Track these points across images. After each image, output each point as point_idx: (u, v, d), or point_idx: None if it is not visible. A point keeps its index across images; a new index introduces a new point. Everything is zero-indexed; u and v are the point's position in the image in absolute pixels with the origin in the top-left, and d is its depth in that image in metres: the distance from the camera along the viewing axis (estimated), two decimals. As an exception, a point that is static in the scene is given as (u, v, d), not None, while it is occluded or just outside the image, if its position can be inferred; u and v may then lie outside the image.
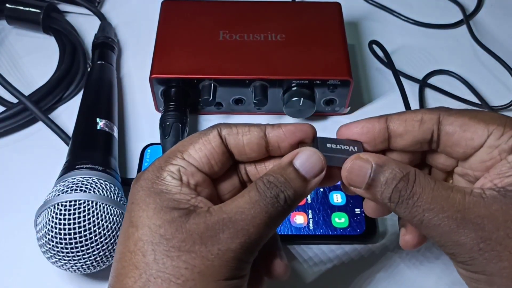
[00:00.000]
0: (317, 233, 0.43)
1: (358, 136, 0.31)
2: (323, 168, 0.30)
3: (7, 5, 0.59)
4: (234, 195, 0.32)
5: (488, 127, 0.29)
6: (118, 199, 0.40)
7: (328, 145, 0.31)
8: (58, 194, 0.38)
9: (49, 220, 0.37)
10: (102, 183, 0.39)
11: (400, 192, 0.28)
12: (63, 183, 0.39)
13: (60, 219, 0.37)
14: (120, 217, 0.39)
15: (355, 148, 0.31)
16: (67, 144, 0.48)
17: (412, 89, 0.56)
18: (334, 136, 0.32)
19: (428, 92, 0.56)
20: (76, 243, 0.36)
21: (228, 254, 0.27)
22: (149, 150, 0.49)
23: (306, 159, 0.30)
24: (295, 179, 0.29)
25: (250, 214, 0.28)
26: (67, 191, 0.38)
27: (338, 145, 0.31)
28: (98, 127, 0.46)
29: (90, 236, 0.37)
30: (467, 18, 0.63)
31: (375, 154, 0.30)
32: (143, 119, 0.53)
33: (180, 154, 0.30)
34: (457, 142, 0.30)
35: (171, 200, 0.28)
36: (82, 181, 0.39)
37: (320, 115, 0.53)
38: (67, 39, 0.58)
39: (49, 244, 0.37)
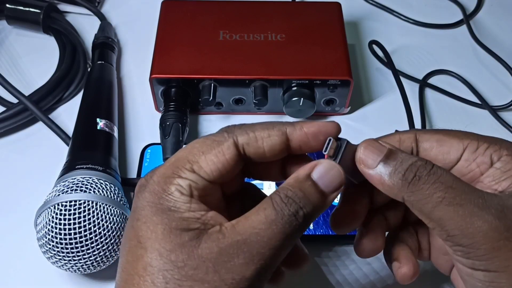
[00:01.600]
0: (317, 233, 0.43)
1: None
2: (342, 183, 0.28)
3: (7, 5, 0.59)
4: (237, 191, 0.32)
5: (462, 141, 0.30)
6: (118, 199, 0.40)
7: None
8: (58, 194, 0.38)
9: (49, 220, 0.37)
10: (102, 183, 0.39)
11: (418, 168, 0.27)
12: (63, 183, 0.39)
13: (60, 219, 0.37)
14: (120, 217, 0.39)
15: None
16: (67, 144, 0.48)
17: (412, 89, 0.56)
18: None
19: (428, 92, 0.56)
20: (76, 243, 0.36)
21: (243, 283, 0.25)
22: (149, 150, 0.49)
23: (325, 173, 0.28)
24: (313, 193, 0.27)
25: (267, 236, 0.25)
26: (67, 191, 0.38)
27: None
28: (98, 127, 0.46)
29: (90, 236, 0.37)
30: (467, 18, 0.63)
31: (389, 143, 0.29)
32: (143, 119, 0.53)
33: (190, 166, 0.27)
34: (434, 156, 0.30)
35: (180, 220, 0.26)
36: (82, 181, 0.39)
37: (320, 115, 0.53)
38: (67, 39, 0.58)
39: (49, 244, 0.37)
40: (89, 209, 0.37)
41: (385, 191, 0.28)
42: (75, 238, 0.36)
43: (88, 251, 0.37)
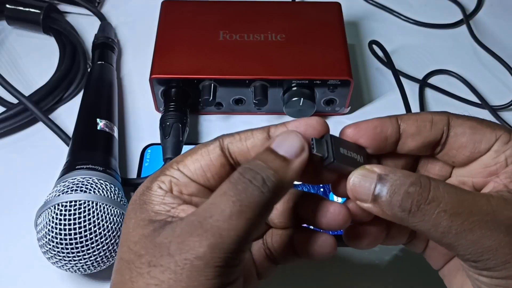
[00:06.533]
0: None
1: (368, 137, 0.29)
2: (303, 146, 0.27)
3: (7, 5, 0.59)
4: None
5: (495, 132, 0.29)
6: (119, 200, 0.40)
7: (341, 150, 0.28)
8: (59, 195, 0.38)
9: (49, 220, 0.37)
10: (102, 184, 0.39)
11: (413, 197, 0.25)
12: (63, 184, 0.39)
13: (60, 220, 0.37)
14: (120, 217, 0.39)
15: (361, 158, 0.29)
16: (67, 145, 0.48)
17: (412, 89, 0.56)
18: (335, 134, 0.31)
19: (428, 92, 0.56)
20: (76, 243, 0.36)
21: (197, 262, 0.24)
22: (149, 150, 0.49)
23: (282, 140, 0.27)
24: (273, 160, 0.26)
25: (220, 208, 0.24)
26: (67, 191, 0.38)
27: (348, 152, 0.28)
28: (98, 128, 0.46)
29: (91, 236, 0.37)
30: (467, 18, 0.63)
31: (379, 165, 0.27)
32: (143, 119, 0.53)
33: (176, 165, 0.28)
34: (465, 144, 0.29)
35: (150, 212, 0.26)
36: (83, 181, 0.39)
37: (320, 115, 0.53)
38: (67, 39, 0.58)
39: (50, 245, 0.37)
40: (89, 209, 0.37)
41: (389, 219, 0.27)
42: (75, 238, 0.36)
43: (88, 251, 0.37)
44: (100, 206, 0.38)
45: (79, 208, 0.37)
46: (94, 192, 0.38)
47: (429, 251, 0.33)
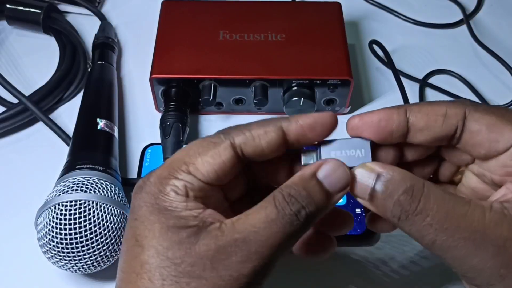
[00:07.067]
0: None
1: (372, 131, 0.28)
2: (348, 183, 0.27)
3: (7, 5, 0.59)
4: (242, 194, 0.31)
5: None
6: (119, 199, 0.40)
7: (333, 153, 0.28)
8: (59, 194, 0.38)
9: (49, 220, 0.37)
10: (102, 183, 0.39)
11: (403, 206, 0.25)
12: (63, 183, 0.39)
13: (60, 219, 0.37)
14: (121, 217, 0.39)
15: (362, 151, 0.28)
16: (68, 144, 0.48)
17: (412, 89, 0.56)
18: (335, 134, 0.30)
19: (429, 91, 0.56)
20: (76, 243, 0.36)
21: (241, 279, 0.25)
22: (149, 150, 0.49)
23: (331, 172, 0.27)
24: (318, 193, 0.26)
25: (266, 235, 0.25)
26: (67, 191, 0.38)
27: (343, 151, 0.28)
28: (99, 127, 0.46)
29: (91, 236, 0.37)
30: (467, 17, 0.63)
31: (382, 164, 0.27)
32: (143, 119, 0.53)
33: (185, 167, 0.27)
34: (480, 142, 0.27)
35: (177, 218, 0.26)
36: (83, 181, 0.39)
37: (320, 115, 0.53)
38: (67, 39, 0.58)
39: (50, 244, 0.37)
40: (89, 209, 0.37)
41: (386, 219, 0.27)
42: (76, 238, 0.36)
43: (88, 251, 0.37)
44: (100, 206, 0.38)
45: (79, 208, 0.37)
46: (94, 192, 0.38)
47: None
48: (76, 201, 0.37)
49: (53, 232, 0.37)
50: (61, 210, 0.37)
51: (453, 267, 0.26)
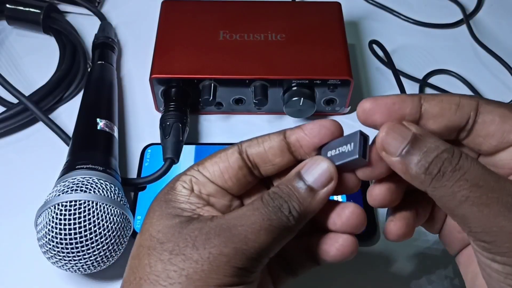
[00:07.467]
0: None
1: (384, 113, 0.28)
2: (331, 178, 0.28)
3: (7, 5, 0.59)
4: None
5: None
6: (119, 199, 0.40)
7: (329, 153, 0.29)
8: (59, 194, 0.38)
9: (49, 220, 0.37)
10: (102, 183, 0.39)
11: (443, 162, 0.25)
12: (63, 183, 0.39)
13: (60, 219, 0.37)
14: (120, 217, 0.39)
15: (351, 145, 0.28)
16: (68, 144, 0.48)
17: (412, 89, 0.56)
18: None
19: (429, 91, 0.56)
20: (76, 243, 0.36)
21: (220, 258, 0.26)
22: (149, 150, 0.49)
23: (312, 168, 0.28)
24: (300, 188, 0.28)
25: (250, 220, 0.27)
26: (67, 191, 0.38)
27: (338, 148, 0.28)
28: (99, 127, 0.46)
29: (91, 236, 0.37)
30: (467, 17, 0.63)
31: (416, 125, 0.27)
32: (143, 119, 0.53)
33: (196, 167, 0.30)
34: (492, 132, 0.27)
35: (176, 208, 0.29)
36: (83, 181, 0.39)
37: (321, 115, 0.53)
38: (67, 39, 0.58)
39: (50, 244, 0.37)
40: (89, 209, 0.37)
41: (408, 180, 0.27)
42: (75, 238, 0.36)
43: (88, 251, 0.37)
44: (100, 206, 0.38)
45: (79, 208, 0.37)
46: (94, 192, 0.38)
47: (445, 233, 0.32)
48: (76, 201, 0.37)
49: (53, 232, 0.37)
50: (61, 210, 0.37)
51: (479, 232, 0.26)
